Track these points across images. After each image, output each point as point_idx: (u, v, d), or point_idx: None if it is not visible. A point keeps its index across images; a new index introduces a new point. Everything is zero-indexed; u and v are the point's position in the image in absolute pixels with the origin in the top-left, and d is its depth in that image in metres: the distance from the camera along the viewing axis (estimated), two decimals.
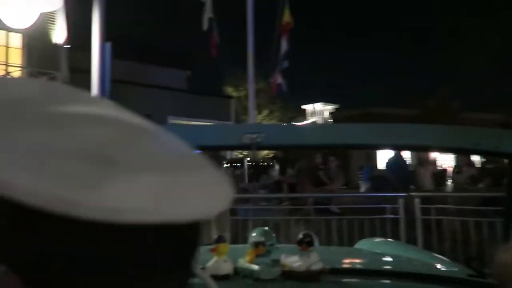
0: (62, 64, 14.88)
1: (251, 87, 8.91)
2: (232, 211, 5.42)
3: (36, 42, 14.43)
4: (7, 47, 14.37)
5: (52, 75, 14.40)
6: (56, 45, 15.20)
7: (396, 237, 4.71)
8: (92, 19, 5.35)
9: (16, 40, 14.52)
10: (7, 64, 14.22)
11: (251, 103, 8.97)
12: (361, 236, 4.55)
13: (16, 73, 14.23)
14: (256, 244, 1.56)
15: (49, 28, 15.27)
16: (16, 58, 14.53)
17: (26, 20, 5.00)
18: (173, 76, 21.51)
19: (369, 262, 2.06)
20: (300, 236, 1.56)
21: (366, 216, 5.22)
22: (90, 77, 5.22)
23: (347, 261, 2.15)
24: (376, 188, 9.20)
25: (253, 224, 5.34)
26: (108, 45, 4.43)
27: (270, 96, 18.69)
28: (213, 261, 1.53)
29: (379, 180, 10.09)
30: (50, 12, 12.16)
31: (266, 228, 1.87)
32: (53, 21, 15.08)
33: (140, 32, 20.68)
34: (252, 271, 1.51)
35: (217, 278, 1.40)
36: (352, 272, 1.77)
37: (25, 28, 10.08)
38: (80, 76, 4.45)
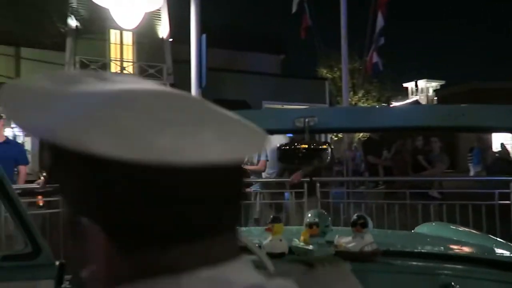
0: (167, 56, 16.13)
1: (344, 67, 8.68)
2: (325, 194, 5.45)
3: (144, 39, 15.87)
4: (121, 44, 16.04)
5: (159, 67, 15.74)
6: (161, 39, 16.55)
7: (506, 225, 4.29)
8: (190, 12, 5.71)
9: (128, 38, 16.13)
10: (121, 60, 15.89)
11: (345, 84, 8.75)
12: (463, 223, 4.24)
13: (128, 67, 15.86)
14: (310, 225, 1.58)
15: (155, 25, 16.63)
16: (128, 54, 16.16)
17: (134, 20, 5.58)
18: (267, 61, 21.89)
19: (425, 245, 2.03)
20: (354, 217, 1.57)
21: (471, 201, 4.82)
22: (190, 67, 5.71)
23: (402, 244, 2.12)
24: (492, 171, 8.41)
25: (345, 207, 5.31)
26: (204, 36, 4.70)
27: (366, 75, 17.94)
28: (269, 240, 1.58)
29: (497, 163, 9.18)
30: (155, 10, 13.18)
31: (322, 210, 1.82)
32: (158, 17, 16.40)
33: (234, 20, 21.34)
34: (306, 250, 1.54)
35: (272, 256, 1.44)
36: (406, 254, 1.72)
37: (134, 27, 11.18)
38: (183, 66, 4.84)
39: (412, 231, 2.45)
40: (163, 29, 16.68)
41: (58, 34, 14.17)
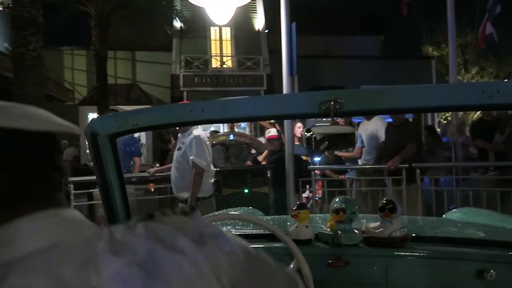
0: (263, 48, 16.49)
1: (451, 41, 7.86)
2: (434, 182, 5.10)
3: (241, 32, 16.46)
4: (220, 40, 16.85)
5: (256, 59, 16.18)
6: (257, 31, 16.98)
7: None
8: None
9: (227, 33, 16.87)
10: (221, 55, 16.70)
11: (452, 61, 7.95)
12: None
13: (228, 62, 16.60)
14: (337, 211, 1.54)
15: (251, 17, 17.11)
16: (227, 49, 16.91)
17: (226, 15, 5.87)
18: (365, 43, 20.98)
19: (456, 231, 1.97)
20: (382, 202, 1.50)
21: None
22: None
23: (433, 229, 2.07)
24: None
25: (449, 195, 4.90)
26: (294, 24, 4.71)
27: (480, 49, 16.06)
28: (295, 226, 1.56)
29: None
30: (250, 2, 13.53)
31: (348, 196, 1.74)
32: (254, 10, 16.83)
33: (329, 4, 20.78)
34: (333, 237, 1.51)
35: (299, 242, 1.44)
36: (437, 240, 1.64)
37: (230, 21, 11.60)
38: (279, 56, 4.99)
39: (443, 216, 2.35)
40: (259, 21, 17.05)
41: (165, 36, 15.45)
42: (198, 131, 3.92)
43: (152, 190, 5.46)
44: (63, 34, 14.86)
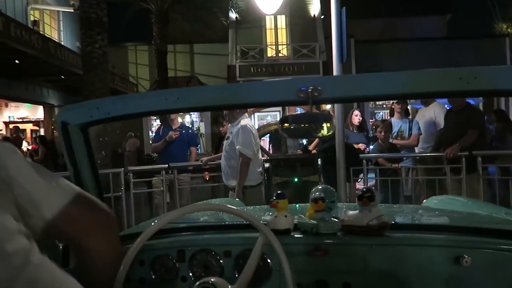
0: (319, 35, 16.20)
1: None
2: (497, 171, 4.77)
3: (296, 20, 16.30)
4: (275, 29, 16.82)
5: (312, 46, 15.96)
6: (313, 18, 16.70)
7: None
8: None
9: (282, 22, 16.80)
10: (276, 44, 16.68)
11: None
12: None
13: (283, 50, 16.55)
14: (316, 200, 1.50)
15: (307, 4, 16.87)
16: (283, 37, 16.84)
17: (274, 4, 5.88)
18: (430, 24, 19.79)
19: (434, 218, 1.98)
20: (361, 191, 1.48)
21: None
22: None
23: (411, 217, 2.08)
24: None
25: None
26: (344, 9, 4.61)
27: None
28: (274, 216, 1.54)
29: None
30: None
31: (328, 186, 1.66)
32: None
33: None
34: (311, 226, 1.49)
35: (277, 232, 1.43)
36: (415, 227, 1.65)
37: (285, 9, 11.50)
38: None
39: (422, 204, 2.34)
40: (314, 7, 16.76)
41: (221, 28, 15.76)
42: (246, 121, 4.01)
43: (207, 178, 5.68)
44: (127, 32, 15.71)
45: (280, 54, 16.49)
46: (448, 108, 5.31)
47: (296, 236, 1.51)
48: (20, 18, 10.97)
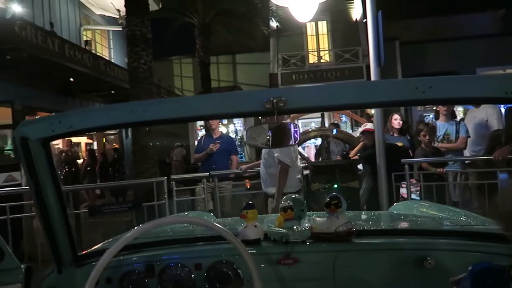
0: (362, 38, 15.92)
1: None
2: None
3: (338, 25, 16.13)
4: (316, 35, 16.75)
5: (354, 50, 15.71)
6: (355, 22, 16.45)
7: None
8: None
9: (323, 27, 16.70)
10: (318, 50, 16.59)
11: None
12: None
13: (325, 56, 16.42)
14: (285, 209, 1.52)
15: (348, 8, 16.66)
16: (324, 43, 16.73)
17: (309, 12, 5.89)
18: (480, 20, 18.79)
19: (399, 223, 2.06)
20: (328, 199, 1.51)
21: None
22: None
23: (377, 223, 2.15)
24: None
25: None
26: (380, 13, 4.54)
27: None
28: (243, 226, 1.54)
29: None
30: None
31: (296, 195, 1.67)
32: (351, 0, 16.38)
33: None
34: (281, 234, 1.50)
35: (248, 242, 1.44)
36: (380, 232, 1.69)
37: (326, 15, 11.42)
38: None
39: (388, 210, 2.40)
40: (356, 11, 16.51)
41: (262, 37, 15.93)
42: None
43: (248, 186, 5.75)
44: (172, 46, 16.29)
45: (322, 60, 16.39)
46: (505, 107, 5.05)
47: (266, 245, 1.53)
48: (74, 39, 11.76)
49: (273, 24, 16.09)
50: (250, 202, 1.55)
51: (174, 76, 18.51)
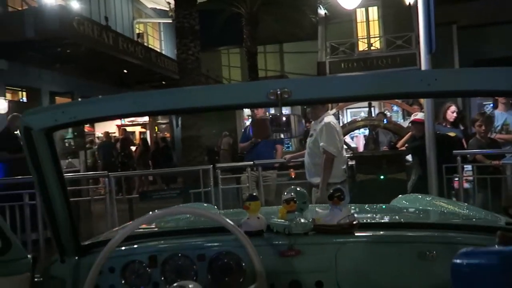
0: (415, 23, 15.18)
1: None
2: None
3: (390, 10, 15.49)
4: (367, 21, 16.21)
5: (407, 36, 15.05)
6: (408, 6, 15.71)
7: None
8: None
9: (374, 13, 16.12)
10: (368, 37, 16.06)
11: None
12: None
13: (376, 43, 15.88)
14: (288, 201, 1.52)
15: None
16: (375, 29, 16.15)
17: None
18: None
19: (401, 216, 2.07)
20: (331, 191, 1.51)
21: None
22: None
23: (380, 216, 2.15)
24: None
25: None
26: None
27: None
28: (246, 218, 1.54)
29: None
30: None
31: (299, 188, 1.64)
32: None
33: None
34: (284, 226, 1.50)
35: (250, 234, 1.43)
36: (383, 225, 1.72)
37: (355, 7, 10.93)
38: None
39: (390, 203, 2.44)
40: None
41: (310, 25, 15.69)
42: (329, 118, 3.99)
43: (293, 176, 5.76)
44: (220, 36, 16.50)
45: (372, 48, 15.87)
46: None
47: (268, 237, 1.54)
48: (127, 32, 12.27)
49: (321, 11, 15.78)
50: (254, 194, 1.57)
51: (222, 66, 18.79)
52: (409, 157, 4.83)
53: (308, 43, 16.36)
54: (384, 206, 2.38)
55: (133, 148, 12.43)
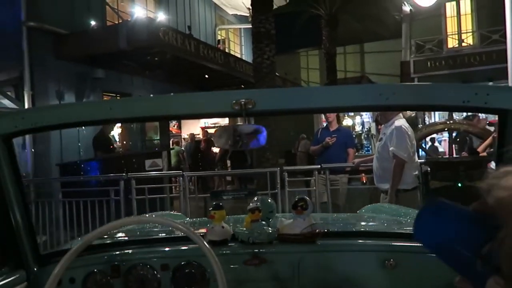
0: None
1: None
2: None
3: (485, 2, 14.18)
4: (458, 16, 15.02)
5: (503, 31, 13.65)
6: None
7: None
8: None
9: (466, 7, 14.89)
10: (459, 33, 14.88)
11: None
12: None
13: (467, 39, 14.64)
14: (252, 210, 1.53)
15: None
16: (467, 24, 14.90)
17: None
18: None
19: (365, 225, 2.11)
20: (295, 200, 1.54)
21: None
22: None
23: (344, 225, 2.21)
24: None
25: None
26: None
27: None
28: (211, 227, 1.53)
29: None
30: None
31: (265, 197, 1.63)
32: None
33: None
34: (248, 235, 1.50)
35: (215, 243, 1.45)
36: (346, 234, 1.75)
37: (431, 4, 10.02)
38: None
39: (357, 212, 2.47)
40: None
41: (393, 23, 15.00)
42: (400, 121, 3.83)
43: (364, 181, 5.59)
44: (299, 38, 16.53)
45: (463, 44, 14.67)
46: None
47: (232, 246, 1.53)
48: (210, 39, 12.91)
49: (406, 8, 14.99)
50: (220, 203, 1.57)
51: (301, 68, 18.80)
52: (493, 164, 4.41)
53: (390, 42, 15.67)
54: (350, 215, 2.42)
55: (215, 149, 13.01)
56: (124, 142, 10.81)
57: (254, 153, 10.64)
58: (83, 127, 7.94)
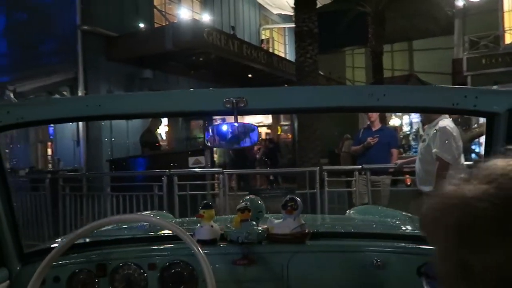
0: None
1: None
2: None
3: None
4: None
5: None
6: None
7: None
8: None
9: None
10: (504, 32, 13.96)
11: None
12: None
13: (508, 35, 13.71)
14: (242, 210, 1.51)
15: None
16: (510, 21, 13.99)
17: None
18: None
19: (353, 226, 2.16)
20: (285, 200, 1.53)
21: None
22: None
23: (333, 226, 2.24)
24: None
25: None
26: None
27: None
28: (199, 226, 1.52)
29: None
30: None
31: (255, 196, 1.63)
32: None
33: None
34: (237, 235, 1.49)
35: (204, 242, 1.43)
36: (334, 235, 1.75)
37: None
38: None
39: (346, 213, 2.48)
40: None
41: (445, 19, 14.33)
42: (445, 122, 3.68)
43: (408, 183, 5.42)
44: (344, 37, 16.23)
45: None
46: None
47: (221, 245, 1.52)
48: (254, 38, 13.02)
49: (459, 3, 14.28)
50: (209, 202, 1.58)
51: (346, 67, 18.46)
52: None
53: (441, 39, 14.99)
54: (339, 217, 2.39)
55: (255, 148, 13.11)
56: (170, 140, 11.18)
57: (296, 153, 10.61)
58: (129, 121, 8.33)
